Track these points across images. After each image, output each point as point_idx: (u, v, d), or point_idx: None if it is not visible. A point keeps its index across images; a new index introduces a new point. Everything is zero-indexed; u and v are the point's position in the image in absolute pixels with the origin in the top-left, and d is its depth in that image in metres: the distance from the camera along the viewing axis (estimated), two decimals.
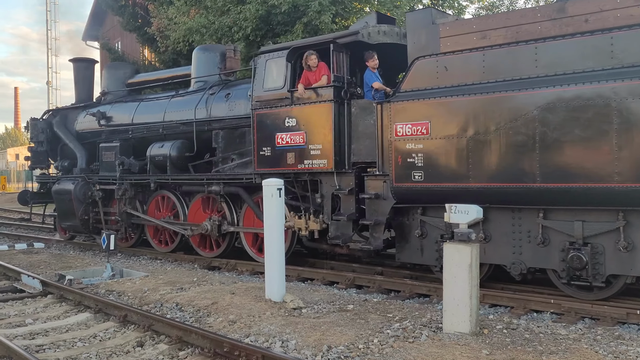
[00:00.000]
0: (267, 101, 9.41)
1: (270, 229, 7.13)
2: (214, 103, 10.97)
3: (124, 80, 13.84)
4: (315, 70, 8.90)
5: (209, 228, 10.60)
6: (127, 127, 12.59)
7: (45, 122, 14.43)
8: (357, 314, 6.55)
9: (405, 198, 8.08)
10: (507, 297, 7.48)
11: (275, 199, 7.07)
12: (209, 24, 16.10)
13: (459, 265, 5.57)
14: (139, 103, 12.66)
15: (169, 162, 11.20)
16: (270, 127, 9.37)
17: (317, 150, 8.81)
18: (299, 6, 14.51)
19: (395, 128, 8.00)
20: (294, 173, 9.19)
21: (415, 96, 7.85)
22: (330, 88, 8.66)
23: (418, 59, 7.94)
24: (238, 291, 7.58)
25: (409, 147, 7.88)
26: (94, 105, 13.83)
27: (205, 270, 10.35)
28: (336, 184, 8.75)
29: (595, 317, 6.71)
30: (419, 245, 8.29)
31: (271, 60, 9.45)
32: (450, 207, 5.83)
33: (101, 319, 6.94)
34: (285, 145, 9.16)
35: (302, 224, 9.18)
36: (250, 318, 6.38)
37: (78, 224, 12.77)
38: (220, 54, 11.89)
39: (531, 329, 5.90)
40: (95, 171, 13.09)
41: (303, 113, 8.97)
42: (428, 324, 6.05)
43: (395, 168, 8.02)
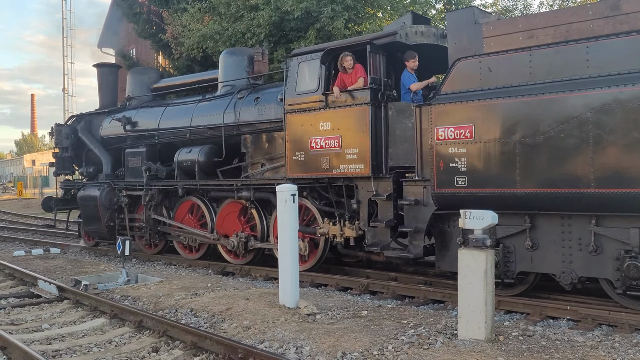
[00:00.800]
0: (300, 104, 9.18)
1: (284, 235, 7.11)
2: (243, 107, 10.76)
3: (148, 85, 13.69)
4: (351, 72, 8.66)
5: (235, 244, 10.39)
6: (153, 132, 12.42)
7: (69, 127, 14.32)
8: (372, 320, 6.50)
9: (447, 204, 7.79)
10: (523, 303, 7.36)
11: (289, 204, 7.03)
12: (223, 31, 16.22)
13: (474, 272, 5.51)
14: (165, 108, 12.50)
15: (197, 167, 11.00)
16: (303, 131, 9.13)
17: (353, 155, 8.55)
18: (311, 12, 14.58)
19: (437, 131, 7.71)
20: (328, 178, 8.94)
21: (458, 98, 7.56)
22: (367, 90, 8.41)
23: (460, 60, 7.66)
24: (252, 297, 7.55)
25: (452, 152, 7.59)
26: (118, 111, 13.70)
27: (220, 275, 10.31)
28: (373, 189, 8.48)
29: (612, 324, 6.55)
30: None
31: (304, 62, 9.22)
32: (465, 213, 5.77)
33: (116, 325, 6.95)
34: (320, 150, 8.91)
35: (337, 231, 8.92)
36: (265, 324, 6.34)
37: (104, 230, 12.62)
38: (247, 57, 11.69)
39: (547, 335, 5.79)
40: (121, 177, 12.94)
41: (338, 116, 8.72)
42: (443, 330, 5.97)
43: (437, 173, 7.74)
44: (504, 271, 7.52)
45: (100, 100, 14.66)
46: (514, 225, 7.45)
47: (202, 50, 17.21)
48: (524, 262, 7.44)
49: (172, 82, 13.61)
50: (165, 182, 11.66)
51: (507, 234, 7.51)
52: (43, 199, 14.80)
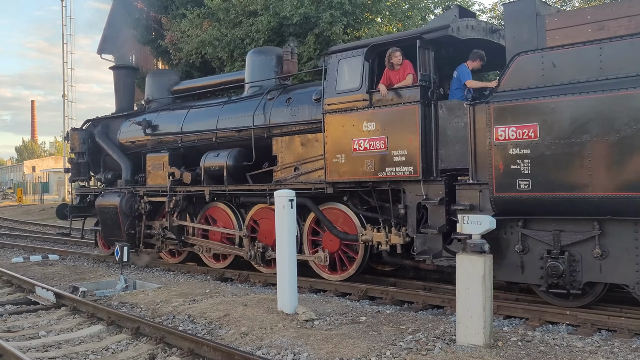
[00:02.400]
0: (341, 104, 8.67)
1: (282, 240, 7.11)
2: (274, 108, 10.26)
3: (168, 87, 13.17)
4: (398, 69, 8.15)
5: (252, 255, 9.88)
6: (176, 135, 11.90)
7: (86, 132, 13.78)
8: (370, 325, 6.47)
9: (507, 209, 7.27)
10: (522, 308, 7.32)
11: (286, 210, 7.04)
12: (222, 36, 16.26)
13: (472, 277, 5.47)
14: (188, 110, 11.98)
15: (226, 172, 10.48)
16: (345, 132, 8.62)
17: (401, 157, 8.04)
18: (310, 17, 14.60)
19: (496, 132, 7.20)
20: (372, 182, 8.42)
21: (519, 96, 7.05)
22: (417, 88, 7.91)
23: (519, 54, 7.15)
24: (250, 303, 7.52)
25: (513, 153, 7.07)
26: (137, 114, 13.19)
27: (218, 281, 10.27)
28: (423, 193, 7.96)
29: (612, 329, 6.52)
30: (518, 261, 7.46)
31: (344, 60, 8.72)
32: (463, 218, 5.75)
33: (114, 331, 6.95)
34: (363, 152, 8.39)
35: (383, 238, 8.40)
36: (262, 330, 6.31)
37: (124, 238, 12.07)
38: (276, 56, 11.19)
39: (546, 341, 5.76)
40: (141, 183, 12.41)
41: (384, 116, 8.21)
42: (441, 336, 5.94)
43: (496, 176, 7.21)
44: (569, 281, 7.01)
45: (117, 103, 14.13)
46: (581, 231, 6.94)
47: (201, 55, 17.22)
48: (592, 271, 6.92)
49: (194, 84, 13.08)
50: (191, 187, 11.12)
51: (573, 241, 7.00)
52: (57, 206, 14.24)
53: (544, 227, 7.20)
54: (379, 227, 8.53)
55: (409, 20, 16.68)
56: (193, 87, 12.91)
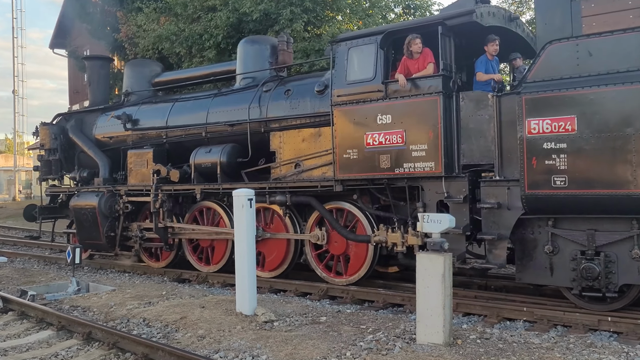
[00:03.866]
0: (352, 95, 8.07)
1: (241, 240, 6.96)
2: (272, 101, 9.59)
3: (149, 79, 12.31)
4: (418, 58, 7.61)
5: None
6: (160, 130, 11.09)
7: (57, 127, 12.76)
8: (330, 326, 6.42)
9: (539, 208, 6.81)
10: (480, 305, 7.33)
11: (245, 209, 6.94)
12: (179, 32, 15.91)
13: (432, 276, 5.46)
14: (174, 104, 11.17)
15: (220, 169, 9.75)
16: (356, 125, 8.03)
17: (420, 152, 7.50)
18: (270, 14, 14.44)
19: (529, 124, 6.73)
20: (387, 179, 7.86)
21: (555, 86, 6.60)
22: (438, 78, 7.38)
23: (551, 42, 6.72)
24: (208, 305, 7.38)
25: (548, 147, 6.61)
26: (114, 108, 12.29)
27: (175, 283, 10.09)
28: (444, 190, 7.44)
29: (567, 324, 6.61)
30: (547, 263, 7.03)
31: (355, 48, 8.12)
32: (423, 217, 5.74)
33: (64, 337, 6.69)
34: (378, 147, 7.82)
35: (398, 238, 7.85)
36: (220, 333, 6.20)
37: (102, 241, 11.21)
38: (270, 46, 10.51)
39: (504, 338, 5.78)
40: (121, 181, 11.54)
41: (402, 108, 7.65)
42: (401, 335, 5.92)
43: (529, 172, 6.75)
44: (605, 284, 6.60)
45: (90, 96, 13.18)
46: (619, 231, 6.56)
47: (158, 51, 16.74)
48: (630, 273, 6.55)
49: (178, 76, 12.25)
50: (179, 186, 10.35)
51: (609, 242, 6.61)
52: (25, 207, 13.16)
53: (576, 226, 6.79)
54: (393, 227, 7.98)
55: (370, 19, 16.62)
56: (177, 79, 12.10)
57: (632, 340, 5.98)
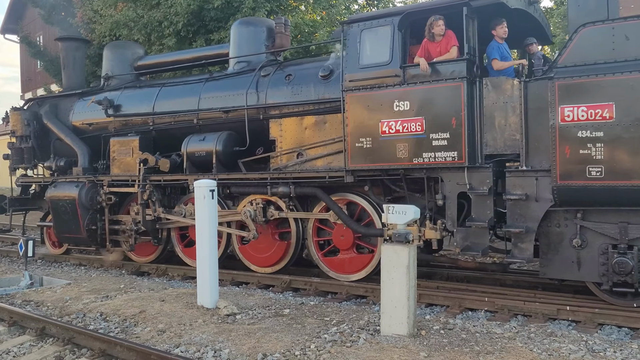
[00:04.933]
0: (366, 80, 7.59)
1: (202, 231, 6.83)
2: (271, 86, 9.03)
3: (131, 62, 11.54)
4: (440, 40, 7.17)
5: (251, 213, 8.73)
6: (146, 117, 10.39)
7: (30, 112, 11.86)
8: (294, 318, 6.36)
9: (572, 199, 6.50)
10: (443, 296, 7.38)
11: (207, 200, 6.80)
12: (138, 18, 15.31)
13: (397, 267, 5.44)
14: (161, 88, 10.47)
15: (215, 158, 9.15)
16: (370, 112, 7.56)
17: (442, 141, 7.08)
18: (232, 2, 14.00)
19: (562, 112, 6.39)
20: (404, 169, 7.42)
21: (591, 71, 6.27)
22: (463, 62, 6.96)
23: (585, 25, 6.39)
24: (168, 298, 7.22)
25: (583, 136, 6.29)
26: (93, 92, 11.48)
27: (134, 276, 9.88)
28: (466, 181, 7.05)
29: (527, 314, 6.70)
30: (574, 257, 6.74)
31: (369, 30, 7.63)
32: (388, 208, 5.71)
33: (16, 333, 6.43)
34: (395, 135, 7.37)
35: (415, 232, 7.40)
36: (181, 327, 6.06)
37: (83, 235, 10.46)
38: (266, 28, 9.91)
39: (467, 328, 5.82)
40: (102, 171, 10.80)
41: (421, 94, 7.21)
42: (366, 326, 5.90)
43: (561, 162, 6.42)
44: (638, 278, 6.33)
45: (65, 80, 12.28)
46: None
47: (116, 37, 16.04)
48: None
49: (164, 59, 11.48)
50: (169, 176, 9.70)
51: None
52: None
53: (607, 218, 6.51)
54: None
55: (333, 9, 16.38)
56: (163, 62, 11.33)
57: (590, 329, 6.11)
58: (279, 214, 8.64)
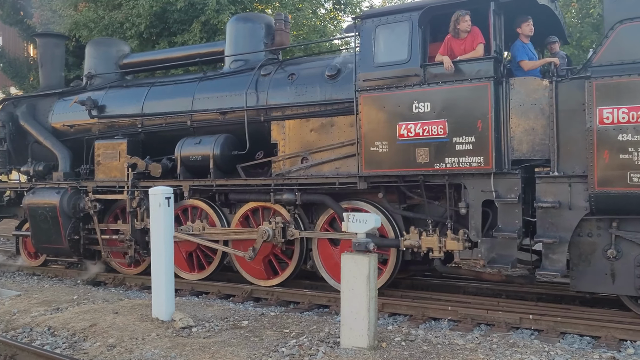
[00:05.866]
0: (381, 80, 7.06)
1: (158, 240, 6.59)
2: (273, 87, 8.47)
3: (116, 60, 10.83)
4: (465, 37, 6.69)
5: (270, 233, 8.06)
6: (134, 118, 9.70)
7: (5, 113, 11.04)
8: (252, 330, 6.15)
9: (609, 207, 6.08)
10: (406, 305, 7.24)
11: (163, 208, 6.58)
12: (98, 19, 14.83)
13: (357, 277, 5.28)
14: (150, 88, 9.80)
15: (213, 163, 8.52)
16: (387, 114, 7.04)
17: (466, 145, 6.59)
18: (196, 4, 13.71)
19: (600, 113, 5.97)
20: (423, 175, 6.92)
21: (632, 70, 5.87)
22: (490, 61, 6.49)
23: (622, 22, 6.00)
24: (122, 310, 7.00)
25: (624, 139, 5.89)
26: (75, 92, 10.72)
27: (89, 286, 9.45)
28: (492, 188, 6.58)
29: (490, 323, 6.61)
30: (608, 268, 6.33)
31: (384, 26, 7.12)
32: (348, 216, 5.53)
33: None
34: (414, 139, 6.86)
35: (435, 243, 6.94)
36: (133, 341, 5.81)
37: (65, 245, 9.72)
38: (265, 25, 9.33)
39: (429, 339, 5.70)
40: (86, 176, 10.05)
41: (443, 95, 6.71)
42: (325, 338, 5.74)
43: (600, 168, 6.00)
44: None
45: (42, 79, 11.50)
46: None
47: (75, 39, 15.55)
48: None
49: (153, 57, 10.79)
50: (161, 182, 9.01)
51: None
52: None
53: None
54: (426, 230, 7.06)
55: (300, 13, 16.13)
56: (152, 61, 10.63)
57: (552, 338, 6.05)
58: (300, 234, 8.02)
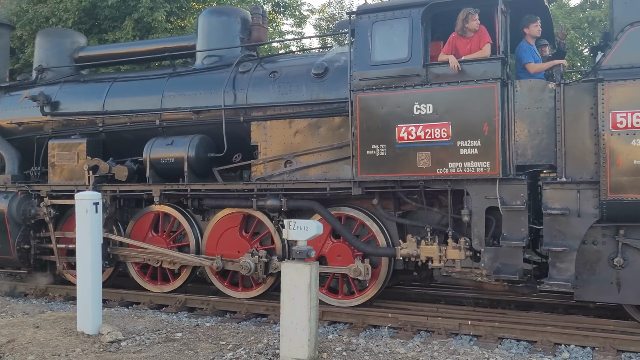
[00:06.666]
0: (379, 80, 6.67)
1: (84, 249, 6.20)
2: (253, 85, 7.93)
3: (70, 52, 9.92)
4: (471, 37, 6.39)
5: (251, 267, 7.53)
6: (94, 116, 8.89)
7: None
8: (186, 343, 5.85)
9: (622, 215, 5.91)
10: (347, 313, 7.22)
11: (90, 214, 6.18)
12: (22, 12, 13.87)
13: (298, 286, 5.13)
14: (112, 84, 9.01)
15: (187, 165, 7.87)
16: (386, 116, 6.64)
17: (471, 149, 6.28)
18: (128, 1, 13.07)
19: (613, 117, 5.80)
20: (424, 180, 6.56)
21: None
22: (497, 62, 6.21)
23: (633, 25, 5.88)
24: (44, 324, 6.56)
25: (638, 144, 5.72)
26: (23, 87, 9.77)
27: (8, 297, 8.73)
28: (497, 195, 6.30)
29: (430, 329, 6.66)
30: (613, 277, 6.18)
31: (382, 22, 6.74)
32: (289, 223, 5.34)
33: None
34: (415, 142, 6.49)
35: (435, 252, 6.59)
36: (55, 358, 5.43)
37: (13, 255, 8.80)
38: (241, 19, 8.74)
39: (370, 349, 5.58)
40: (37, 179, 9.14)
41: (447, 96, 6.38)
42: (264, 350, 5.54)
43: (613, 174, 5.82)
44: None
45: None
46: None
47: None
48: None
49: (114, 50, 9.93)
50: (128, 186, 8.29)
51: None
52: None
53: None
54: (425, 238, 6.71)
55: None
56: (112, 54, 9.80)
57: (491, 344, 6.14)
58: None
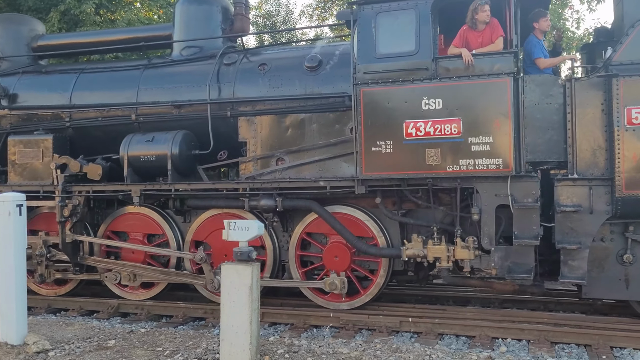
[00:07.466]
0: (385, 73, 6.37)
1: (7, 254, 5.84)
2: (240, 78, 7.52)
3: (28, 41, 9.11)
4: (483, 29, 6.19)
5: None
6: (60, 110, 8.18)
7: None
8: (120, 351, 5.63)
9: (636, 211, 5.87)
10: (287, 313, 7.09)
11: (13, 217, 5.83)
12: None
13: (239, 288, 5.00)
14: (79, 75, 8.33)
15: (171, 164, 7.33)
16: (392, 111, 6.36)
17: (483, 145, 6.09)
18: None
19: (629, 113, 5.75)
20: (432, 178, 6.33)
21: None
22: (510, 56, 6.06)
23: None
24: None
25: None
26: None
27: None
28: (508, 192, 6.14)
29: (371, 328, 6.67)
30: (621, 274, 6.17)
31: (387, 13, 6.44)
32: (229, 224, 5.23)
33: None
34: (424, 138, 6.25)
35: (443, 252, 6.38)
36: None
37: None
38: (222, 8, 8.27)
39: (313, 349, 5.53)
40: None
41: (457, 91, 6.16)
42: (203, 355, 5.38)
43: (628, 170, 5.78)
44: None
45: None
46: None
47: None
48: None
49: (78, 40, 9.15)
50: (102, 186, 7.65)
51: None
52: None
53: None
54: (432, 237, 6.49)
55: (171, 8, 15.23)
56: (76, 44, 9.05)
57: (431, 340, 6.21)
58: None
